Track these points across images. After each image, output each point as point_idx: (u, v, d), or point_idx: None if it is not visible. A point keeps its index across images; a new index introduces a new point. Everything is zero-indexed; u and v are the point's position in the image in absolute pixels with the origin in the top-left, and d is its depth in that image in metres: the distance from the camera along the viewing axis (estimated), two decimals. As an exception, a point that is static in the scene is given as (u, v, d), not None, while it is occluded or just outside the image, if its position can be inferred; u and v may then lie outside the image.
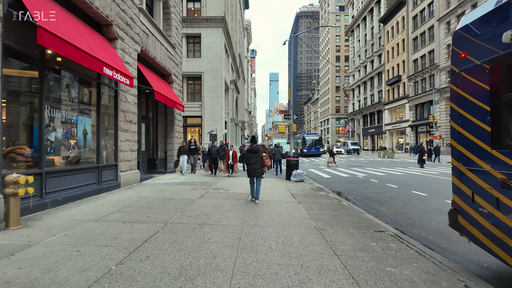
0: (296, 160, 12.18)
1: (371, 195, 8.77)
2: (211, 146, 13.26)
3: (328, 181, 12.47)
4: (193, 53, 31.86)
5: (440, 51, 37.97)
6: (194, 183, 10.47)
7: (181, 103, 13.47)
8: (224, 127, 32.21)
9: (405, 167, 19.03)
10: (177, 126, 14.24)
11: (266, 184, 10.50)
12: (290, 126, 15.51)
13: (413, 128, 44.74)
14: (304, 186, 10.15)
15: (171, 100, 11.53)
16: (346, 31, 76.62)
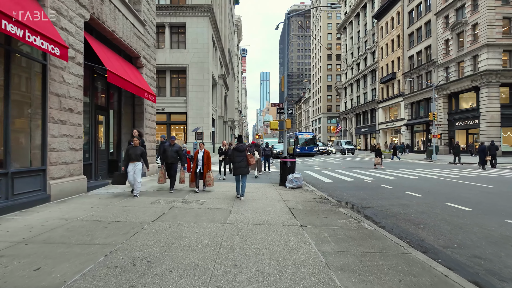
0: (292, 161, 9.91)
1: (395, 209, 6.56)
2: (168, 144, 8.49)
3: (331, 187, 10.25)
4: (177, 44, 29.29)
5: (438, 46, 36.43)
6: (162, 191, 8.08)
7: (152, 92, 11.03)
8: (211, 124, 29.76)
9: (412, 168, 17.01)
10: (148, 121, 11.79)
11: (256, 193, 8.21)
12: (284, 121, 13.24)
13: (409, 127, 43.20)
14: (303, 196, 7.89)
15: (135, 86, 9.10)
16: (338, 28, 75.04)
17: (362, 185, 10.44)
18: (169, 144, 8.43)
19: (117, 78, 7.79)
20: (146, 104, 11.63)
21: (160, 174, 8.47)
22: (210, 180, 8.16)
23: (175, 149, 8.28)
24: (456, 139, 34.53)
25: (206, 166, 8.11)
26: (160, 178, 8.42)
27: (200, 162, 8.18)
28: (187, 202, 6.62)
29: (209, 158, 8.17)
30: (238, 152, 7.45)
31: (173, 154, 8.20)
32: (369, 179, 11.84)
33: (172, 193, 7.97)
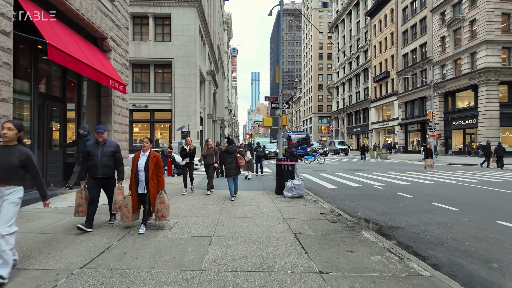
0: (291, 165, 8.16)
1: (435, 231, 4.84)
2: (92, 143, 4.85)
3: (337, 195, 8.55)
4: (161, 36, 27.22)
5: (434, 44, 35.42)
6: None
7: (122, 81, 9.10)
8: (199, 123, 27.81)
9: (420, 170, 15.50)
10: (117, 115, 9.85)
11: (248, 206, 6.43)
12: (279, 118, 11.50)
13: (403, 127, 42.16)
14: (308, 210, 6.15)
15: (95, 70, 7.19)
16: (330, 27, 73.96)
17: (373, 192, 8.77)
18: (96, 142, 4.65)
19: (63, 56, 5.87)
20: (115, 96, 9.69)
21: (78, 199, 4.62)
22: (164, 208, 4.57)
23: (109, 150, 4.67)
24: (452, 139, 33.58)
25: (155, 182, 4.59)
26: (78, 206, 4.60)
27: (141, 176, 4.54)
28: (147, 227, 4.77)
29: (159, 166, 4.65)
30: (227, 154, 7.49)
31: (105, 160, 4.60)
32: (378, 185, 10.20)
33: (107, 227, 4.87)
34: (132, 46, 26.10)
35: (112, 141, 4.94)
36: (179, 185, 9.36)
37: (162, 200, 4.56)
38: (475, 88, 29.20)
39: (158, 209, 4.57)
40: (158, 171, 4.61)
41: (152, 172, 4.51)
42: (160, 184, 4.61)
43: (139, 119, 27.37)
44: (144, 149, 4.66)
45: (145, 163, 4.52)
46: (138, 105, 26.37)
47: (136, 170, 4.54)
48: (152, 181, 4.52)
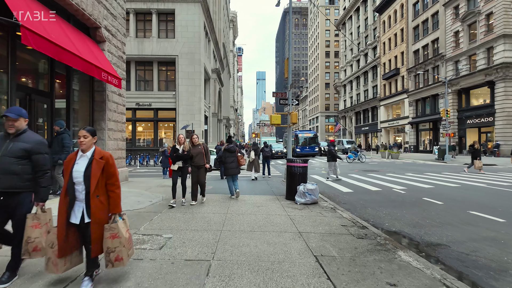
0: (303, 167, 7.24)
1: (488, 251, 3.82)
2: None
3: (355, 200, 7.61)
4: (165, 33, 26.49)
5: (446, 39, 34.04)
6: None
7: (116, 74, 8.28)
8: (203, 122, 27.03)
9: (439, 172, 14.41)
10: (112, 112, 9.04)
11: (256, 215, 5.56)
12: (288, 115, 10.59)
13: (413, 126, 40.81)
14: (327, 220, 5.24)
15: (83, 60, 6.38)
16: (337, 24, 72.57)
17: (396, 198, 7.81)
18: (4, 134, 2.89)
19: (42, 42, 5.05)
20: (110, 91, 8.89)
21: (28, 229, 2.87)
22: (120, 245, 2.73)
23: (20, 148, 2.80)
24: (467, 138, 32.23)
25: (103, 202, 2.74)
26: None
27: (78, 192, 2.71)
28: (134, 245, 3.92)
29: (111, 174, 2.80)
30: (229, 153, 7.40)
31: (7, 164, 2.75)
32: (399, 188, 9.22)
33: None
34: (135, 43, 25.45)
35: (33, 135, 2.97)
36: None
37: (116, 233, 2.66)
38: (492, 85, 27.86)
39: (110, 248, 2.67)
40: (110, 182, 2.74)
41: (97, 184, 2.65)
42: (113, 204, 2.74)
43: (143, 118, 26.70)
44: (83, 147, 2.69)
45: (84, 170, 2.63)
46: (141, 103, 25.71)
47: (69, 181, 2.66)
48: (97, 201, 2.65)
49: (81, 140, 2.68)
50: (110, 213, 2.76)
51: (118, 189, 2.81)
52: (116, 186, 2.79)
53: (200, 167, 6.57)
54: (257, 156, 12.55)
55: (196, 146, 6.58)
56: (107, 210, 2.75)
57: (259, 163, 12.45)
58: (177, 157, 6.32)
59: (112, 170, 2.78)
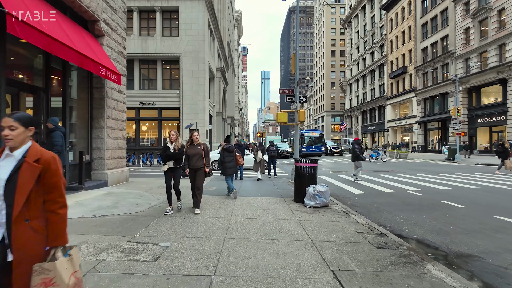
0: (312, 167, 6.77)
1: None
2: None
3: (368, 203, 7.12)
4: (169, 31, 26.15)
5: (456, 36, 33.26)
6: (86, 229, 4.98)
7: (116, 70, 7.90)
8: (208, 121, 26.66)
9: (452, 172, 13.80)
10: (112, 110, 8.66)
11: (262, 219, 5.13)
12: (295, 113, 10.12)
13: (421, 125, 40.00)
14: (340, 226, 4.78)
15: (79, 54, 6.00)
16: (343, 22, 71.78)
17: (412, 200, 7.30)
18: None
19: (31, 32, 4.66)
20: (110, 88, 8.51)
21: None
22: None
23: None
24: (477, 137, 31.42)
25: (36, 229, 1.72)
26: None
27: None
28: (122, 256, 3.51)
29: (53, 185, 1.79)
30: (228, 153, 7.52)
31: None
32: (414, 190, 8.69)
33: None
34: (139, 41, 25.16)
35: None
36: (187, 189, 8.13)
37: (51, 278, 1.67)
38: (504, 83, 27.06)
39: None
40: (50, 198, 1.78)
41: (28, 201, 1.70)
42: (54, 233, 1.77)
43: (147, 117, 26.42)
44: (8, 143, 1.73)
45: (7, 178, 1.68)
46: (145, 102, 25.43)
47: None
48: (26, 227, 1.69)
49: (5, 134, 1.72)
50: (49, 246, 1.76)
51: (64, 209, 1.82)
52: (60, 205, 1.80)
53: (197, 169, 5.70)
54: (264, 155, 12.14)
55: (195, 145, 5.77)
56: (44, 242, 1.75)
57: (264, 164, 12.05)
58: (167, 156, 5.46)
59: (54, 181, 1.78)
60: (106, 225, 4.54)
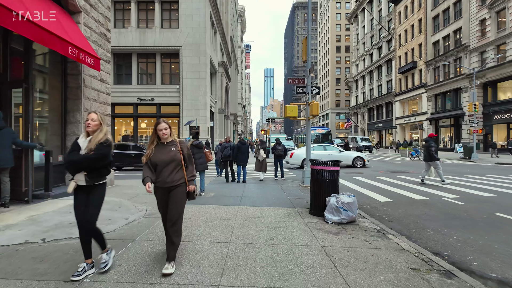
0: (333, 171, 5.36)
1: None
2: None
3: (403, 216, 5.72)
4: (168, 22, 24.79)
5: (471, 28, 31.52)
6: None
7: (94, 53, 6.55)
8: (209, 117, 25.30)
9: (481, 173, 12.31)
10: (91, 102, 7.32)
11: (274, 246, 3.74)
12: (307, 105, 8.73)
13: (432, 122, 38.35)
14: (381, 256, 3.40)
15: (40, 28, 4.67)
16: (349, 17, 69.96)
17: (457, 212, 5.87)
18: None
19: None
20: (88, 75, 7.16)
21: None
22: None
23: None
24: (493, 134, 29.76)
25: None
26: None
27: None
28: None
29: None
30: (197, 149, 7.56)
31: None
32: (451, 197, 7.27)
33: None
34: (137, 34, 23.85)
35: None
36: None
37: None
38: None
39: None
40: None
41: None
42: None
43: (145, 114, 25.14)
44: None
45: None
46: (143, 98, 24.13)
47: None
48: None
49: None
50: None
51: None
52: None
53: (172, 188, 3.13)
54: (266, 154, 10.92)
55: (166, 146, 3.18)
56: None
57: (266, 163, 10.83)
58: (71, 163, 2.85)
59: None
60: (51, 257, 3.18)
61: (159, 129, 3.11)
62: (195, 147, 7.56)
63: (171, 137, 3.20)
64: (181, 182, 3.14)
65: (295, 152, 16.26)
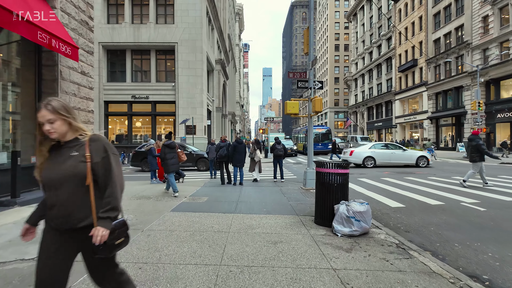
0: (342, 175, 4.65)
1: None
2: None
3: (420, 224, 5.01)
4: (164, 18, 23.99)
5: (473, 25, 30.93)
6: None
7: (71, 41, 5.82)
8: (206, 116, 24.54)
9: (493, 174, 11.66)
10: (70, 96, 6.58)
11: (275, 269, 3.03)
12: (309, 101, 8.02)
13: (433, 121, 37.77)
14: (408, 281, 2.71)
15: None
16: (347, 15, 69.32)
17: (481, 220, 5.17)
18: None
19: None
20: (66, 66, 6.42)
21: None
22: None
23: None
24: (496, 133, 29.18)
25: None
26: None
27: None
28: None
29: None
30: (169, 149, 7.48)
31: None
32: (470, 202, 6.57)
33: None
34: (131, 29, 23.03)
35: None
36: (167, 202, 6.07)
37: None
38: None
39: None
40: None
41: None
42: None
43: (139, 112, 24.34)
44: None
45: None
46: (138, 96, 23.33)
47: None
48: None
49: None
50: None
51: None
52: None
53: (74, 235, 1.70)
54: (261, 153, 10.27)
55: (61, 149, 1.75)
56: None
57: (261, 163, 10.21)
58: None
59: None
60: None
61: (40, 121, 1.69)
62: (167, 147, 7.42)
63: (72, 132, 1.75)
64: (86, 222, 1.67)
65: (356, 150, 16.00)
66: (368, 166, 15.05)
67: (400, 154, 15.24)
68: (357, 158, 15.49)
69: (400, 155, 15.22)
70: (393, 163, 15.17)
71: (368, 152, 15.39)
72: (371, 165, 15.14)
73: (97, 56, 22.67)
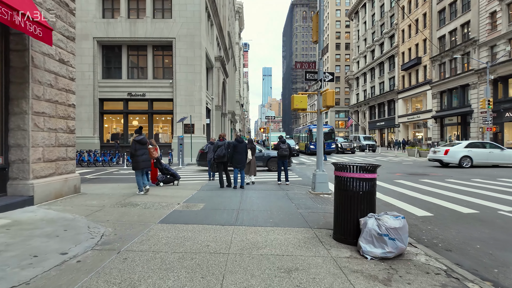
0: (368, 181, 3.77)
1: None
2: None
3: (462, 241, 4.12)
4: (161, 12, 23.08)
5: (480, 22, 30.04)
6: None
7: (42, 21, 4.92)
8: (205, 114, 23.66)
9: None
10: (44, 87, 5.68)
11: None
12: (318, 95, 7.13)
13: (437, 120, 36.91)
14: None
15: None
16: (349, 14, 68.51)
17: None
18: None
19: None
20: (40, 52, 5.52)
21: None
22: None
23: None
24: (505, 133, 28.32)
25: None
26: None
27: None
28: None
29: None
30: (140, 145, 7.26)
31: None
32: (508, 210, 5.72)
33: None
34: (127, 24, 22.12)
35: None
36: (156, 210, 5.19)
37: None
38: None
39: None
40: None
41: None
42: None
43: (136, 110, 23.42)
44: None
45: None
46: (134, 93, 22.43)
47: None
48: None
49: None
50: None
51: None
52: None
53: None
54: (254, 155, 9.32)
55: None
56: None
57: (255, 165, 9.36)
58: None
59: None
60: None
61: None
62: (138, 143, 7.19)
63: None
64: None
65: (451, 149, 15.11)
66: (465, 167, 14.15)
67: (498, 154, 14.39)
68: (453, 157, 14.63)
69: (498, 154, 14.36)
70: (491, 163, 14.34)
71: (464, 151, 14.48)
72: (468, 165, 14.26)
73: (91, 52, 21.82)
